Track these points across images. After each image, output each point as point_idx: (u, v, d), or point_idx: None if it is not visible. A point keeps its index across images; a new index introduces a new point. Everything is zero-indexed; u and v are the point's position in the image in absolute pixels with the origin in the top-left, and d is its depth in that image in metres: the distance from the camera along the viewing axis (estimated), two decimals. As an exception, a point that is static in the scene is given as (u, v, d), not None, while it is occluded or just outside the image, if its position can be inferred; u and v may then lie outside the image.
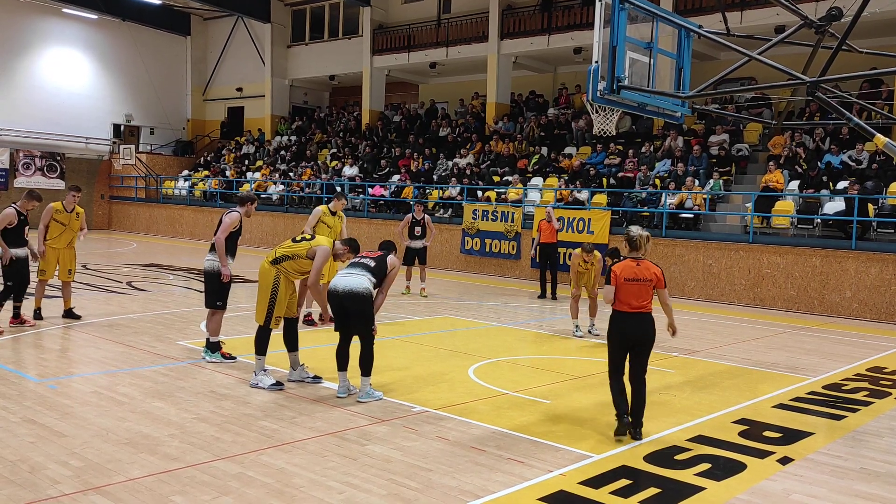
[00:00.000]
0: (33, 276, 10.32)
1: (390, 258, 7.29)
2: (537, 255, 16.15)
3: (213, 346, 8.47)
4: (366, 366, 6.99)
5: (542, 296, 15.81)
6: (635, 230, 6.34)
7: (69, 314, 10.75)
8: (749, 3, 19.12)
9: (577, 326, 11.35)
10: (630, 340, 6.26)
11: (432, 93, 30.40)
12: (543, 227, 15.85)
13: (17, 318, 10.03)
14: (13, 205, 9.97)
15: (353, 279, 6.94)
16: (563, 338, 11.13)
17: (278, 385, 7.33)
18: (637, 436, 6.20)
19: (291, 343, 7.63)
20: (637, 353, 6.29)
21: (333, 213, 11.07)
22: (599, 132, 9.18)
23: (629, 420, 6.23)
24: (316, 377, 7.69)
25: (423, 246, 15.17)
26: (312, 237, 7.68)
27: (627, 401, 6.25)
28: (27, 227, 10.04)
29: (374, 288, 7.06)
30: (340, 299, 6.91)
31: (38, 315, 10.47)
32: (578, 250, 11.20)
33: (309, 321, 10.87)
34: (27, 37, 30.52)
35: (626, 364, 6.36)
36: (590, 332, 11.41)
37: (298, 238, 7.67)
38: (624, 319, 6.23)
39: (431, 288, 15.89)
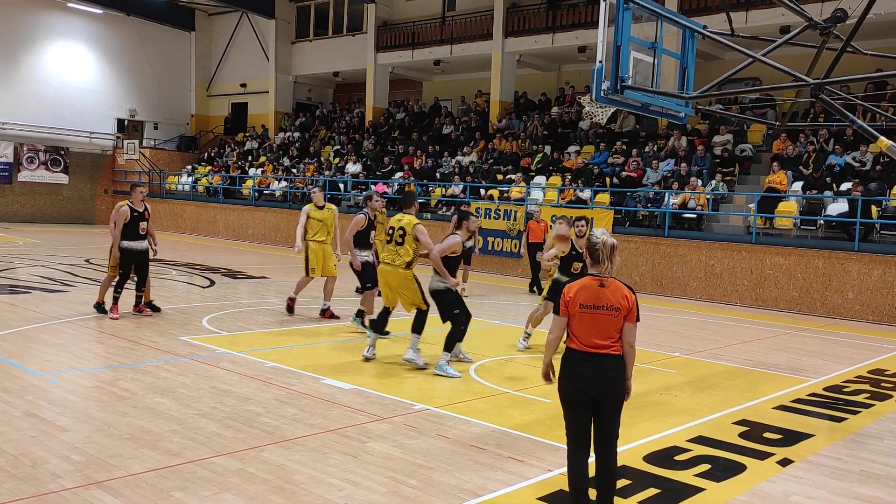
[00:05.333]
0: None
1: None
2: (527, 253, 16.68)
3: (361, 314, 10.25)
4: (448, 342, 8.10)
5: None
6: (599, 234, 4.41)
7: (150, 306, 11.01)
8: (754, 4, 19.08)
9: (527, 335, 9.97)
10: (586, 393, 4.30)
11: (436, 90, 30.38)
12: (532, 226, 16.26)
13: (137, 306, 10.69)
14: (128, 203, 10.47)
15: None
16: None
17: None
18: None
19: (418, 326, 8.37)
20: (599, 414, 4.35)
21: (321, 207, 11.26)
22: (588, 117, 9.20)
23: None
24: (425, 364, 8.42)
25: (468, 247, 15.15)
26: (400, 237, 8.24)
27: (587, 493, 4.41)
28: (144, 223, 10.51)
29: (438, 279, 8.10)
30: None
31: (101, 308, 10.66)
32: (552, 235, 10.39)
33: (329, 315, 11.23)
34: (32, 31, 30.57)
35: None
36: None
37: (386, 239, 8.40)
38: (577, 363, 4.35)
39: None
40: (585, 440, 4.39)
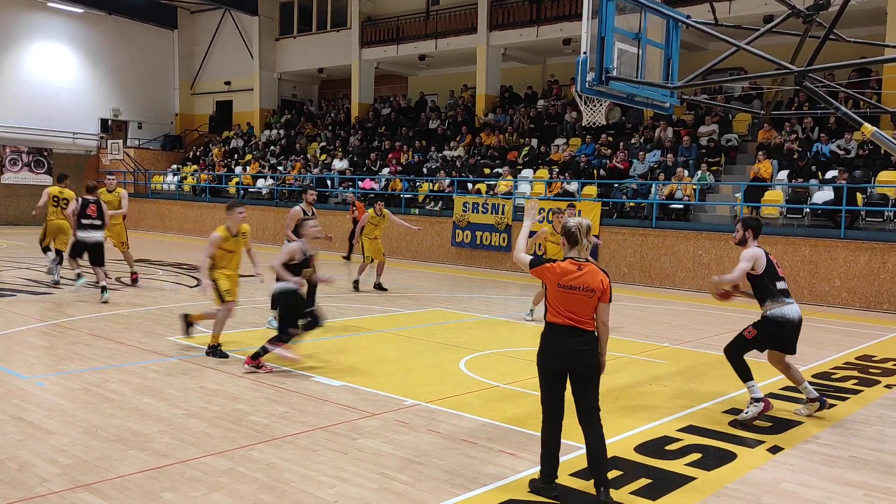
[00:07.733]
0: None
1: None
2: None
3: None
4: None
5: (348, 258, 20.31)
6: (573, 220, 4.87)
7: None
8: (737, -7, 19.11)
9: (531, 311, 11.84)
10: (563, 366, 4.73)
11: (422, 85, 30.31)
12: (359, 205, 19.99)
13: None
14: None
15: None
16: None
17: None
18: (605, 497, 4.62)
19: None
20: (578, 386, 4.76)
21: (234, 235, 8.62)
22: (588, 123, 9.18)
23: (555, 489, 4.75)
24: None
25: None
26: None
27: (557, 460, 4.83)
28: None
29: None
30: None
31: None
32: (548, 226, 11.92)
33: None
34: (12, 31, 30.25)
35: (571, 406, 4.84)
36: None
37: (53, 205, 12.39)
38: (556, 336, 4.75)
39: (422, 281, 15.89)
40: (559, 412, 4.82)
